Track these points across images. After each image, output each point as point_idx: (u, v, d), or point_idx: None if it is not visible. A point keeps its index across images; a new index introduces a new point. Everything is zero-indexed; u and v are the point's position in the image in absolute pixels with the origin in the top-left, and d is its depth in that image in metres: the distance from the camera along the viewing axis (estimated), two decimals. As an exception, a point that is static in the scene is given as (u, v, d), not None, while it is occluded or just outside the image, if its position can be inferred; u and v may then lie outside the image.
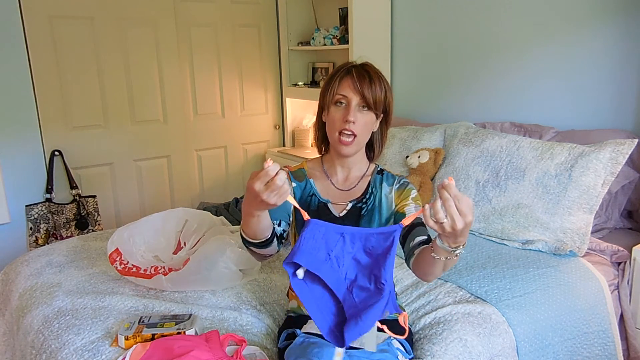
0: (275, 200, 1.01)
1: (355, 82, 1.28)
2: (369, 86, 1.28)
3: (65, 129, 2.92)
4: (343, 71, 1.31)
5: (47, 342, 1.40)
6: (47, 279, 1.76)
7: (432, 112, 2.95)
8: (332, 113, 1.31)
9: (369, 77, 1.29)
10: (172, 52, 3.22)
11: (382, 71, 1.35)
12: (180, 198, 3.42)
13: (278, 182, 0.99)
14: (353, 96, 1.28)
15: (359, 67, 1.31)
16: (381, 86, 1.30)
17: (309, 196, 1.38)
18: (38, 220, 2.84)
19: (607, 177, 1.87)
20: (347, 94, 1.28)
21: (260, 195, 1.01)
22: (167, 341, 1.27)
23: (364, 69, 1.31)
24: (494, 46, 2.57)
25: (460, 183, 2.17)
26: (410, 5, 2.96)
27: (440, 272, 1.15)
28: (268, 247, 1.23)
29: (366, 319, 1.01)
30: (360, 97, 1.28)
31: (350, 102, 1.28)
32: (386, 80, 1.33)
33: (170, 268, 1.68)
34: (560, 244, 1.86)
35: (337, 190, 1.39)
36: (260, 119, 3.73)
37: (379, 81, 1.30)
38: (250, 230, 1.16)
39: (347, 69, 1.31)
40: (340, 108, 1.30)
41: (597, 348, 1.67)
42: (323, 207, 1.37)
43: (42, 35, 2.77)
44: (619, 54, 2.12)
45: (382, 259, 1.06)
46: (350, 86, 1.28)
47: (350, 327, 1.02)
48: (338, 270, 1.08)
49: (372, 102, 1.28)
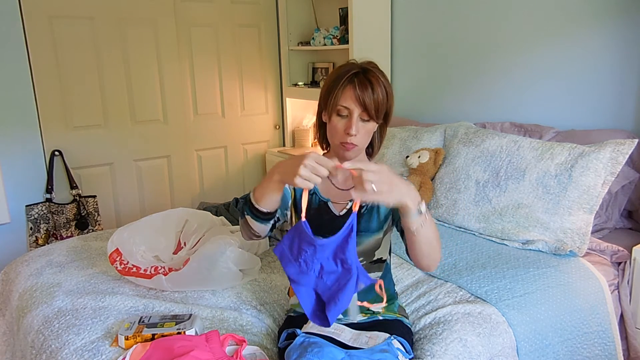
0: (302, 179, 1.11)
1: (357, 93, 1.24)
2: (371, 97, 1.25)
3: (65, 129, 2.92)
4: (345, 80, 1.27)
5: (47, 342, 1.40)
6: (47, 279, 1.76)
7: (432, 112, 2.95)
8: (333, 122, 1.29)
9: (371, 87, 1.25)
10: (172, 52, 3.22)
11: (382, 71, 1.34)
12: (180, 198, 3.42)
13: (318, 174, 1.11)
14: (355, 108, 1.25)
15: (361, 75, 1.27)
16: (383, 93, 1.27)
17: (310, 195, 1.38)
18: (38, 220, 2.84)
19: (607, 177, 1.87)
20: (349, 106, 1.26)
21: (300, 167, 1.10)
22: (167, 341, 1.27)
23: (366, 76, 1.26)
24: (494, 46, 2.57)
25: (461, 183, 2.17)
26: (410, 6, 2.96)
27: (431, 247, 1.22)
28: (262, 223, 1.29)
29: (342, 298, 1.13)
30: (363, 109, 1.26)
31: (352, 114, 1.26)
32: (388, 83, 1.30)
33: (171, 268, 1.68)
34: (561, 244, 1.86)
35: (337, 189, 1.39)
36: (260, 119, 3.73)
37: (381, 88, 1.27)
38: (262, 190, 1.24)
39: (350, 78, 1.26)
40: (342, 119, 1.28)
41: (597, 348, 1.67)
42: (323, 205, 1.37)
43: (42, 35, 2.77)
44: (619, 54, 2.12)
45: (344, 244, 1.14)
46: (352, 97, 1.25)
47: (331, 308, 1.14)
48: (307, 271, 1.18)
49: (374, 114, 1.26)
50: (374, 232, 1.34)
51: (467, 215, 2.10)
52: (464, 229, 2.11)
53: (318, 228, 1.34)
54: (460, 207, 2.13)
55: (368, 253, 1.35)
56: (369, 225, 1.34)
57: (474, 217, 2.08)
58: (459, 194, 2.15)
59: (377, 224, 1.34)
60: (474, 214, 2.08)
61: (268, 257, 1.92)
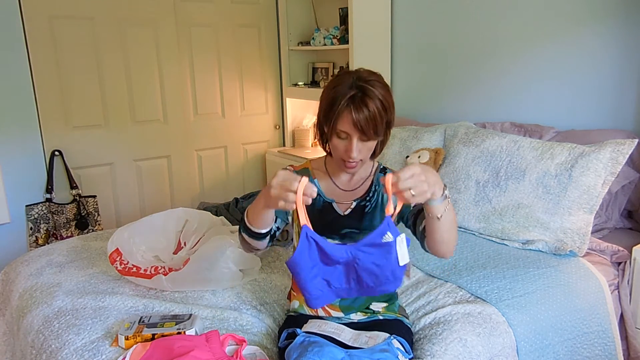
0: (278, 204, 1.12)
1: (355, 118, 1.21)
2: (369, 121, 1.21)
3: (65, 129, 2.92)
4: (342, 104, 1.22)
5: (47, 342, 1.40)
6: (47, 279, 1.76)
7: (432, 112, 2.95)
8: (334, 142, 1.28)
9: (368, 109, 1.21)
10: (172, 52, 3.22)
11: (382, 72, 1.32)
12: (180, 198, 3.43)
13: (290, 197, 1.10)
14: (354, 132, 1.24)
15: (358, 99, 1.21)
16: (382, 111, 1.23)
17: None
18: (38, 220, 2.84)
19: (607, 177, 1.87)
20: (347, 131, 1.24)
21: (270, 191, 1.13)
22: (167, 341, 1.27)
23: (363, 99, 1.21)
24: (494, 46, 2.57)
25: (461, 183, 2.17)
26: (410, 6, 2.96)
27: (451, 232, 1.24)
28: (259, 240, 1.32)
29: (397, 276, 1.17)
30: (361, 134, 1.24)
31: (351, 137, 1.25)
32: (387, 92, 1.26)
33: (171, 268, 1.68)
34: (561, 244, 1.86)
35: (340, 190, 1.40)
36: (260, 119, 3.73)
37: (380, 105, 1.22)
38: (253, 213, 1.27)
39: (347, 102, 1.22)
40: (342, 140, 1.27)
41: (597, 348, 1.67)
42: (328, 206, 1.38)
43: (42, 35, 2.77)
44: (619, 54, 2.12)
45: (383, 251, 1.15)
46: (350, 123, 1.22)
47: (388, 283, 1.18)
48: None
49: (373, 135, 1.25)
50: None
51: (467, 215, 2.10)
52: (464, 229, 2.11)
53: (322, 228, 1.34)
54: (460, 207, 2.13)
55: None
56: (374, 224, 1.35)
57: (474, 217, 2.08)
58: (459, 194, 2.15)
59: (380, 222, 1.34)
60: (474, 214, 2.08)
61: (268, 257, 1.92)
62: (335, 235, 1.36)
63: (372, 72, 1.29)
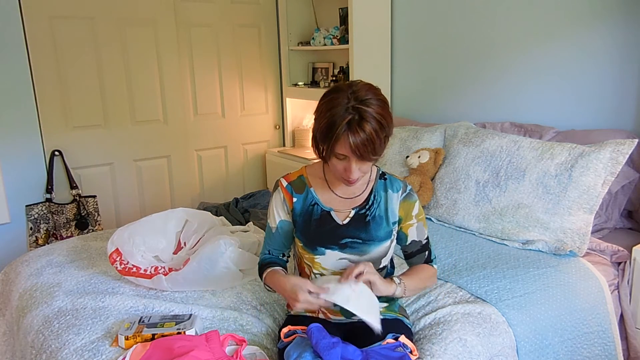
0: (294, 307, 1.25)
1: (352, 143, 1.19)
2: (367, 145, 1.20)
3: (65, 129, 2.92)
4: (340, 129, 1.19)
5: (47, 342, 1.40)
6: (47, 279, 1.76)
7: (432, 112, 2.95)
8: (333, 162, 1.27)
9: (365, 133, 1.18)
10: (172, 52, 3.22)
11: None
12: (180, 198, 3.43)
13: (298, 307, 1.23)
14: (352, 155, 1.23)
15: (355, 123, 1.19)
16: (379, 134, 1.21)
17: (310, 206, 1.37)
18: (38, 220, 2.84)
19: (607, 177, 1.87)
20: (345, 154, 1.23)
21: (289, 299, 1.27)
22: (167, 341, 1.27)
23: (360, 123, 1.18)
24: (494, 46, 2.57)
25: (461, 183, 2.17)
26: (410, 6, 2.96)
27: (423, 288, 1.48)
28: None
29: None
30: (359, 157, 1.23)
31: (349, 160, 1.24)
32: (385, 108, 1.23)
33: (171, 268, 1.68)
34: (561, 244, 1.86)
35: (339, 198, 1.39)
36: (260, 119, 3.73)
37: (377, 131, 1.20)
38: (272, 285, 1.38)
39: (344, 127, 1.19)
40: (341, 161, 1.26)
41: (597, 348, 1.67)
42: (326, 215, 1.36)
43: (42, 35, 2.77)
44: (619, 54, 2.12)
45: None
46: (348, 147, 1.20)
47: None
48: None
49: (371, 157, 1.24)
50: (383, 240, 1.34)
51: (467, 215, 2.10)
52: (464, 229, 2.11)
53: (320, 238, 1.34)
54: (460, 207, 2.13)
55: (375, 262, 1.35)
56: (377, 234, 1.34)
57: (474, 217, 2.08)
58: (459, 194, 2.15)
59: (385, 231, 1.35)
60: (474, 214, 2.08)
61: (268, 257, 1.92)
62: (334, 246, 1.34)
63: (369, 86, 1.24)
